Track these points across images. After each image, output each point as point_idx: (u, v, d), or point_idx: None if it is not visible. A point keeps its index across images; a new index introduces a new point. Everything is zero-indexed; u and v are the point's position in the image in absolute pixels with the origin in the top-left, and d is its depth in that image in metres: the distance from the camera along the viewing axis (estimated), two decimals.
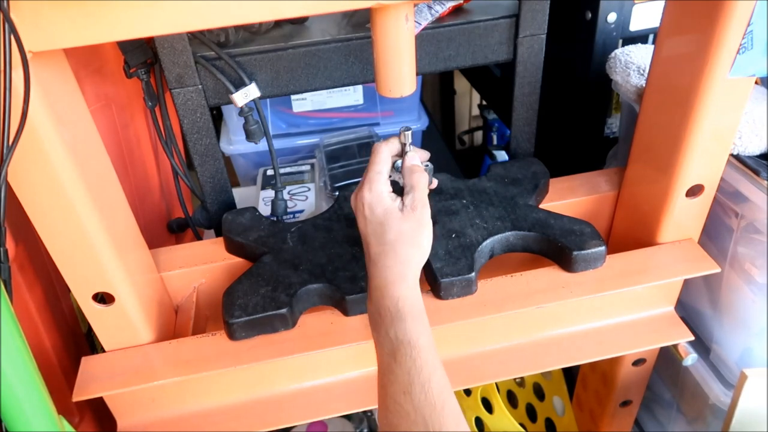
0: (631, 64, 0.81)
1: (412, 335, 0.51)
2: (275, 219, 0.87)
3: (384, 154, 0.61)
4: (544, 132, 0.94)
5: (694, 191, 0.71)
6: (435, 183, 0.67)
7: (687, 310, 0.88)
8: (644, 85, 0.73)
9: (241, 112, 0.78)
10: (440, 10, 0.76)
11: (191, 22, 0.48)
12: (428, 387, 0.48)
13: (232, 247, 0.78)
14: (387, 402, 0.49)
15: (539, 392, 1.04)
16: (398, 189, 0.61)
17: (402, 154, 0.62)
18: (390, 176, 0.62)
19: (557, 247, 0.71)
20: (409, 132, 0.62)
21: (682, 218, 0.74)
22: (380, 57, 0.59)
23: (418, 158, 0.62)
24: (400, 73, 0.60)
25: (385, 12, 0.55)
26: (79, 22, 0.46)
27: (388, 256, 0.55)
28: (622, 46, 0.88)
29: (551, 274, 0.72)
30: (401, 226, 0.56)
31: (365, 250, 0.59)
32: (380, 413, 0.51)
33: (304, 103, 1.08)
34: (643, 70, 0.79)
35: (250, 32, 0.76)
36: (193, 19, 0.48)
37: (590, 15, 0.87)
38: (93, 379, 0.66)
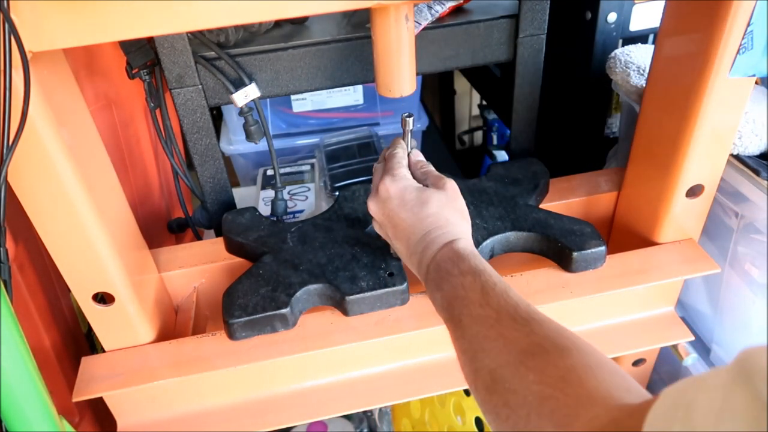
0: (631, 64, 0.81)
1: (479, 265, 0.53)
2: (275, 219, 0.87)
3: (402, 147, 0.65)
4: (544, 132, 0.94)
5: (694, 191, 0.71)
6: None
7: (687, 310, 0.88)
8: (644, 85, 0.73)
9: (241, 112, 0.78)
10: (440, 10, 0.76)
11: (191, 22, 0.48)
12: (506, 294, 0.49)
13: (232, 247, 0.78)
14: (467, 322, 0.49)
15: None
16: None
17: (404, 139, 0.65)
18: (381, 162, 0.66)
19: (557, 247, 0.71)
20: (411, 118, 0.63)
21: (682, 218, 0.74)
22: (380, 57, 0.59)
23: (421, 155, 0.67)
24: (400, 74, 0.60)
25: (385, 12, 0.55)
26: (80, 23, 0.46)
27: (436, 224, 0.58)
28: (622, 46, 0.88)
29: (551, 274, 0.72)
30: (440, 197, 0.59)
31: (397, 234, 0.60)
32: (462, 344, 0.49)
33: (304, 103, 1.08)
34: (643, 70, 0.79)
35: (250, 32, 0.76)
36: (194, 19, 0.48)
37: (590, 15, 0.87)
38: (93, 379, 0.66)
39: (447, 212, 0.58)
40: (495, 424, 0.42)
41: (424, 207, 0.58)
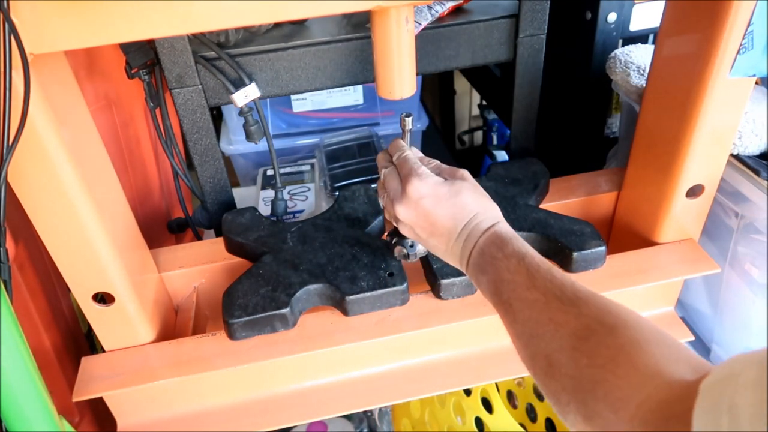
0: (631, 64, 0.81)
1: (522, 248, 0.53)
2: (275, 219, 0.87)
3: (408, 148, 0.64)
4: (544, 132, 0.94)
5: (694, 191, 0.71)
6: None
7: (687, 310, 0.88)
8: (644, 85, 0.73)
9: (241, 112, 0.78)
10: (440, 10, 0.76)
11: (192, 25, 0.48)
12: (550, 275, 0.49)
13: (232, 247, 0.78)
14: (517, 307, 0.49)
15: (539, 392, 1.04)
16: None
17: (404, 139, 0.65)
18: (387, 167, 0.64)
19: (557, 247, 0.71)
20: (410, 118, 0.63)
21: (682, 218, 0.74)
22: (380, 59, 0.59)
23: (420, 152, 0.66)
24: (401, 76, 0.60)
25: (385, 14, 0.55)
26: (80, 25, 0.46)
27: (474, 211, 0.58)
28: (622, 46, 0.88)
29: None
30: (468, 186, 0.60)
31: (435, 231, 0.60)
32: (513, 328, 0.50)
33: (304, 103, 1.08)
34: (643, 70, 0.79)
35: (250, 32, 0.76)
36: (194, 21, 0.47)
37: (590, 15, 0.87)
38: (93, 379, 0.66)
39: (479, 198, 0.59)
40: (558, 408, 0.43)
41: (460, 198, 0.59)
